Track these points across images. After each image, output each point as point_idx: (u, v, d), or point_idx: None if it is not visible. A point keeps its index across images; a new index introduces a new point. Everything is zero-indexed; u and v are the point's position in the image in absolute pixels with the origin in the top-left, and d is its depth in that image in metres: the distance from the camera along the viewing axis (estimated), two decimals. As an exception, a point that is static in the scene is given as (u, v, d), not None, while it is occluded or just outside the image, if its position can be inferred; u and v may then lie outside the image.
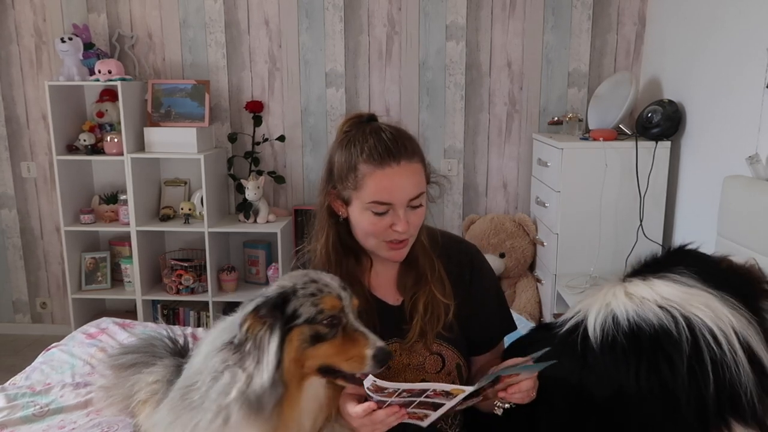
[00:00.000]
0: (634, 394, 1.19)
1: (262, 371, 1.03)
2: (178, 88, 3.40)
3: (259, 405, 1.03)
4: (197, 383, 1.09)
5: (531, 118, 3.46)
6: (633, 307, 1.25)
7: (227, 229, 3.43)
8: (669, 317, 1.20)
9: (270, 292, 1.12)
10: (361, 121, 1.36)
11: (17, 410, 1.82)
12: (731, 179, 2.17)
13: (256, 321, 1.07)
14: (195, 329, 2.49)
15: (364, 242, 1.35)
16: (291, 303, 1.08)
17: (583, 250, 2.91)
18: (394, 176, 1.26)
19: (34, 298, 3.82)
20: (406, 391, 1.05)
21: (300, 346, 1.07)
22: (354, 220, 1.32)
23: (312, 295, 1.09)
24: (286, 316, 1.07)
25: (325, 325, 1.08)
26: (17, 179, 3.67)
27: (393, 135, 1.29)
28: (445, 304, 1.36)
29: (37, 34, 3.50)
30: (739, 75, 2.33)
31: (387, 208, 1.27)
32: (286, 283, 1.13)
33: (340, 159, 1.31)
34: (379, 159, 1.25)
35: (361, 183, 1.27)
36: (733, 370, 1.14)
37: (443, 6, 3.35)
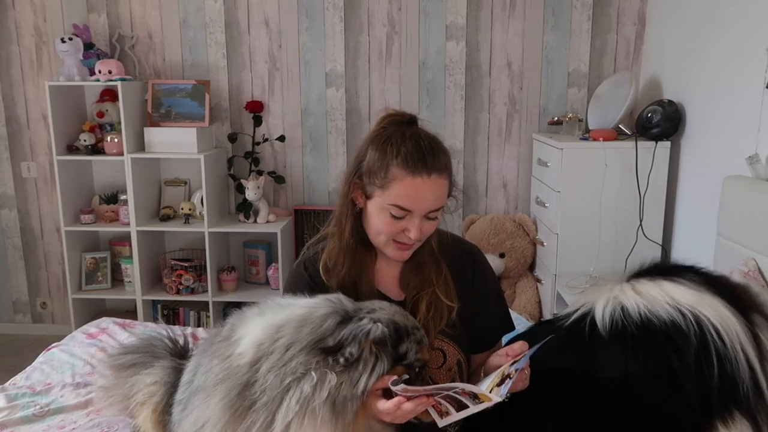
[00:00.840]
0: (641, 377, 1.22)
1: (360, 384, 1.10)
2: (178, 88, 3.40)
3: (344, 410, 1.09)
4: (259, 380, 1.10)
5: (531, 118, 3.46)
6: (643, 302, 1.28)
7: (227, 229, 3.43)
8: (678, 314, 1.24)
9: (385, 321, 1.17)
10: (402, 121, 1.37)
11: (17, 410, 1.82)
12: (731, 179, 2.17)
13: (375, 345, 1.13)
14: (195, 329, 2.49)
15: (373, 237, 1.37)
16: (404, 344, 1.17)
17: (583, 250, 2.91)
18: (422, 187, 1.28)
19: (35, 298, 3.82)
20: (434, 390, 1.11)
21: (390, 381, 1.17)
22: (370, 214, 1.35)
23: (418, 342, 1.19)
24: (397, 355, 1.16)
25: (416, 372, 1.18)
26: (17, 179, 3.67)
27: (431, 145, 1.32)
28: (449, 306, 1.37)
29: (38, 34, 3.50)
30: (739, 75, 2.33)
31: (405, 214, 1.30)
32: (399, 319, 1.20)
33: (373, 154, 1.32)
34: (413, 167, 1.28)
35: (389, 184, 1.29)
36: (734, 364, 1.19)
37: (443, 6, 3.35)
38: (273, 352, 1.12)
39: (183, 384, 1.34)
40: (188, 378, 1.32)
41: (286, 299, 1.26)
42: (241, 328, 1.21)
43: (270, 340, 1.13)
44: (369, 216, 1.35)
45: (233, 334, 1.21)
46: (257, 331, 1.17)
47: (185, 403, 1.27)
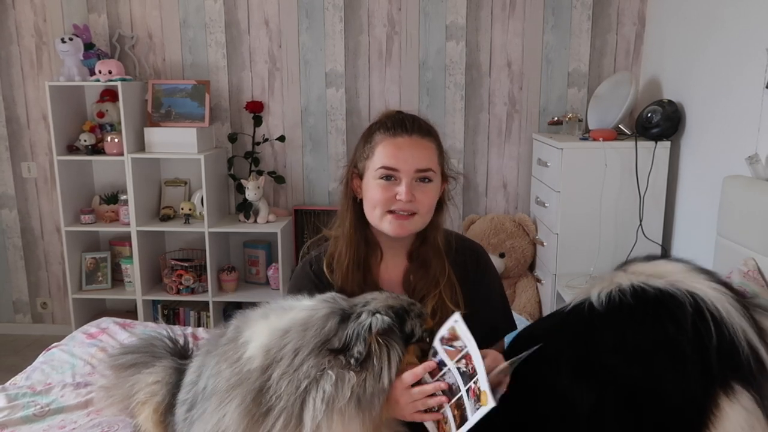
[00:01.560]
0: (640, 346, 1.22)
1: (383, 377, 1.13)
2: (178, 88, 3.40)
3: (371, 405, 1.12)
4: (273, 386, 1.11)
5: (531, 118, 3.46)
6: (638, 279, 1.29)
7: (227, 229, 3.43)
8: (673, 287, 1.25)
9: (382, 309, 1.19)
10: (390, 114, 1.44)
11: (18, 410, 1.82)
12: (731, 179, 2.17)
13: (382, 335, 1.15)
14: (195, 329, 2.49)
15: (370, 215, 1.39)
16: (407, 323, 1.20)
17: (583, 250, 2.91)
18: (403, 145, 1.34)
19: (35, 298, 3.83)
20: (465, 359, 1.14)
21: (412, 360, 1.20)
22: (365, 191, 1.39)
23: (419, 316, 1.23)
24: (405, 335, 1.19)
25: (427, 342, 1.22)
26: (17, 179, 3.67)
27: (412, 116, 1.41)
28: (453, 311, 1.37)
29: (38, 35, 3.50)
30: (739, 75, 2.33)
31: (392, 174, 1.34)
32: (394, 302, 1.22)
33: (361, 141, 1.41)
34: (393, 129, 1.36)
35: (373, 150, 1.36)
36: (731, 330, 1.19)
37: (443, 6, 3.35)
38: (282, 359, 1.13)
39: (186, 384, 1.34)
40: (192, 378, 1.32)
41: (287, 302, 1.27)
42: (246, 331, 1.21)
43: (277, 346, 1.15)
44: (365, 196, 1.39)
45: (239, 336, 1.21)
46: (263, 335, 1.18)
47: (191, 404, 1.27)
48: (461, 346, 1.15)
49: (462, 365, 1.14)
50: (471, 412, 1.11)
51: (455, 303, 1.38)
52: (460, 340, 1.15)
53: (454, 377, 1.15)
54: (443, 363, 1.17)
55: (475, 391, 1.11)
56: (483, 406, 1.09)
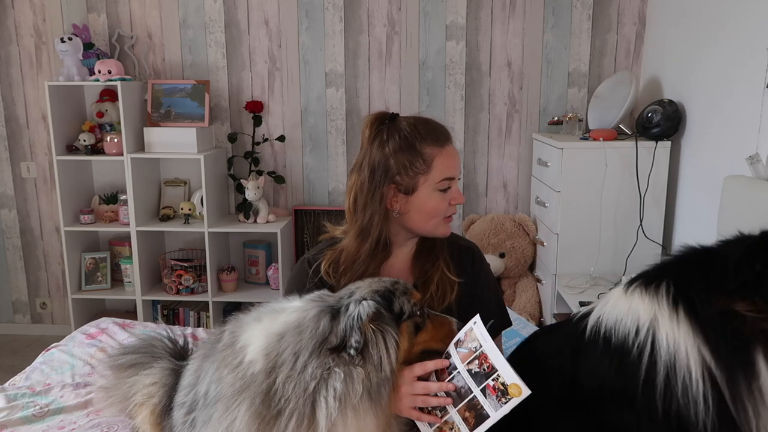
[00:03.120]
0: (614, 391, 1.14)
1: (384, 366, 1.14)
2: (178, 88, 3.40)
3: (379, 395, 1.13)
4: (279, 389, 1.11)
5: (531, 118, 3.46)
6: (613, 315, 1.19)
7: (227, 229, 3.43)
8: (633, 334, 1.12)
9: (368, 295, 1.19)
10: (387, 118, 1.43)
11: (17, 410, 1.82)
12: (731, 179, 2.17)
13: (377, 322, 1.16)
14: (195, 329, 2.49)
15: (423, 225, 1.43)
16: (395, 303, 1.20)
17: (583, 250, 2.91)
18: (452, 152, 1.44)
19: (34, 299, 3.82)
20: (479, 359, 1.14)
21: (409, 338, 1.20)
22: (418, 205, 1.40)
23: (404, 293, 1.23)
24: (395, 315, 1.19)
25: (419, 316, 1.23)
26: (17, 179, 3.67)
27: (434, 121, 1.45)
28: (451, 281, 1.44)
29: (37, 34, 3.50)
30: (739, 75, 2.32)
31: (450, 183, 1.42)
32: (378, 286, 1.23)
33: (395, 152, 1.38)
34: (438, 140, 1.41)
35: (431, 165, 1.39)
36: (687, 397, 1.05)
37: (443, 6, 3.35)
38: (284, 363, 1.13)
39: (184, 387, 1.33)
40: (190, 381, 1.31)
41: (278, 304, 1.27)
42: (242, 336, 1.21)
43: (276, 350, 1.15)
44: (418, 207, 1.40)
45: (236, 341, 1.21)
46: (260, 338, 1.18)
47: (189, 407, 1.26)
48: (475, 348, 1.15)
49: (474, 366, 1.14)
50: (494, 408, 1.11)
51: (452, 275, 1.45)
52: (475, 341, 1.16)
53: (464, 380, 1.15)
54: (453, 367, 1.17)
55: (497, 387, 1.11)
56: (514, 397, 1.09)
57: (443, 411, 1.18)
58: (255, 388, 1.12)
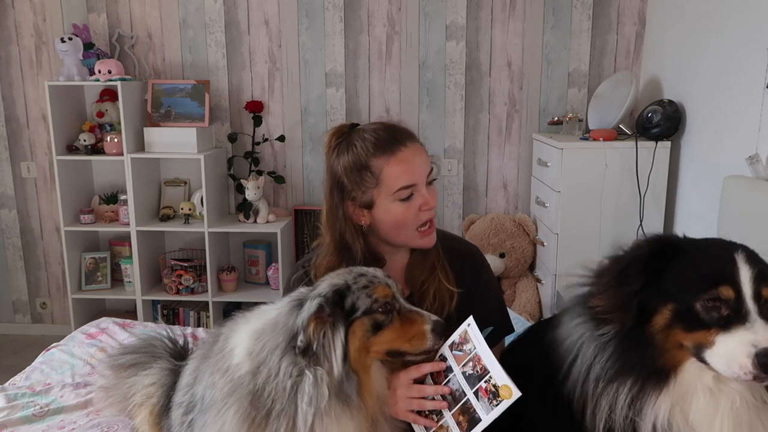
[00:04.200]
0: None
1: (333, 367, 1.09)
2: (178, 88, 3.40)
3: (346, 396, 1.10)
4: (265, 389, 1.10)
5: (531, 118, 3.46)
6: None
7: (227, 229, 3.43)
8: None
9: (324, 291, 1.15)
10: (345, 130, 1.38)
11: (17, 410, 1.82)
12: (731, 179, 2.17)
13: (318, 321, 1.11)
14: (195, 329, 2.49)
15: (395, 237, 1.37)
16: (348, 298, 1.14)
17: (583, 250, 2.91)
18: (408, 156, 1.31)
19: (34, 298, 3.82)
20: (473, 361, 1.13)
21: (363, 336, 1.13)
22: (381, 218, 1.35)
23: (365, 287, 1.15)
24: (345, 311, 1.13)
25: (381, 312, 1.15)
26: (17, 179, 3.67)
27: (385, 126, 1.35)
28: (450, 293, 1.38)
29: (37, 34, 3.50)
30: (739, 75, 2.32)
31: (411, 190, 1.31)
32: (337, 280, 1.18)
33: (345, 169, 1.32)
34: (387, 147, 1.30)
35: (380, 176, 1.30)
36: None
37: (443, 6, 3.35)
38: (265, 360, 1.12)
39: (182, 387, 1.33)
40: (188, 381, 1.31)
41: (269, 304, 1.26)
42: (232, 339, 1.21)
43: (258, 348, 1.14)
44: (381, 221, 1.35)
45: (227, 345, 1.21)
46: (246, 339, 1.17)
47: (187, 407, 1.26)
48: (470, 349, 1.14)
49: (469, 368, 1.14)
50: (485, 411, 1.11)
51: (451, 284, 1.39)
52: (469, 343, 1.15)
53: (459, 383, 1.14)
54: (450, 369, 1.16)
55: (488, 389, 1.11)
56: (505, 399, 1.09)
57: (439, 415, 1.17)
58: (242, 390, 1.11)
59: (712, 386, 1.04)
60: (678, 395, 1.04)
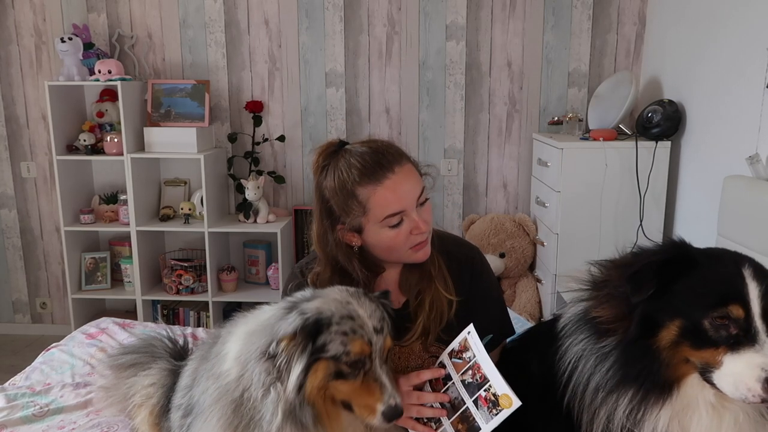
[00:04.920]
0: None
1: (289, 385, 1.06)
2: (178, 88, 3.39)
3: (301, 423, 1.06)
4: (246, 396, 1.08)
5: (531, 118, 3.45)
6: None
7: (227, 229, 3.43)
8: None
9: (309, 313, 1.09)
10: (332, 150, 1.35)
11: (17, 410, 1.82)
12: (731, 179, 2.17)
13: (290, 340, 1.08)
14: (195, 329, 2.49)
15: (387, 258, 1.35)
16: (322, 335, 1.08)
17: (583, 250, 2.91)
18: (395, 184, 1.26)
19: (34, 298, 3.82)
20: (473, 370, 1.12)
21: (324, 378, 1.08)
22: (372, 242, 1.32)
23: (344, 334, 1.08)
24: (315, 347, 1.07)
25: (348, 365, 1.09)
26: (17, 179, 3.67)
27: (372, 149, 1.29)
28: (449, 301, 1.35)
29: (37, 34, 3.50)
30: (739, 75, 2.32)
31: (401, 217, 1.28)
32: (326, 309, 1.11)
33: (332, 194, 1.30)
34: (373, 175, 1.26)
35: (367, 205, 1.27)
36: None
37: (443, 6, 3.35)
38: (248, 365, 1.10)
39: (181, 388, 1.33)
40: (187, 382, 1.31)
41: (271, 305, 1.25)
42: (228, 342, 1.19)
43: (245, 351, 1.12)
44: (373, 244, 1.33)
45: (223, 348, 1.20)
46: (237, 343, 1.16)
47: (186, 409, 1.26)
48: (469, 357, 1.13)
49: (468, 376, 1.13)
50: (485, 420, 1.10)
51: (449, 293, 1.36)
52: (469, 351, 1.14)
53: (458, 391, 1.14)
54: (449, 377, 1.15)
55: (488, 398, 1.10)
56: (505, 409, 1.08)
57: (438, 423, 1.16)
58: (227, 397, 1.10)
59: (715, 402, 1.03)
60: (679, 408, 1.03)
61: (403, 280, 1.41)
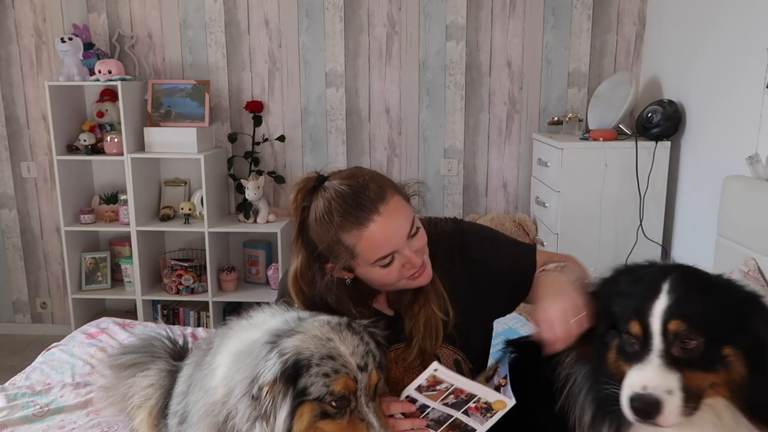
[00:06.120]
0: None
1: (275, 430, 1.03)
2: (178, 88, 3.40)
3: None
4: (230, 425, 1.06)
5: (531, 118, 3.45)
6: None
7: (227, 229, 3.43)
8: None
9: (288, 354, 1.05)
10: (311, 186, 1.24)
11: (17, 410, 1.82)
12: (731, 179, 2.17)
13: (272, 387, 1.05)
14: (195, 329, 2.49)
15: (386, 289, 1.32)
16: (302, 378, 1.04)
17: (583, 251, 2.89)
18: (382, 227, 1.18)
19: (34, 298, 3.82)
20: (454, 394, 1.09)
21: (311, 420, 1.05)
22: (365, 277, 1.27)
23: (326, 375, 1.05)
24: (297, 390, 1.04)
25: (333, 406, 1.06)
26: (17, 179, 3.67)
27: (352, 188, 1.19)
28: (444, 321, 1.31)
29: (37, 34, 3.50)
30: (739, 75, 2.32)
31: (392, 256, 1.21)
32: (305, 349, 1.06)
33: (318, 238, 1.22)
34: (357, 220, 1.17)
35: (355, 250, 1.19)
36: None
37: (443, 6, 3.35)
38: (233, 391, 1.07)
39: (177, 394, 1.32)
40: (182, 389, 1.30)
41: (259, 315, 1.22)
42: (218, 355, 1.17)
43: (231, 374, 1.09)
44: (367, 278, 1.27)
45: (214, 360, 1.18)
46: (227, 360, 1.14)
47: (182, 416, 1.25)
48: (446, 387, 1.10)
49: (451, 399, 1.11)
50: (480, 422, 1.10)
51: (444, 311, 1.31)
52: (443, 383, 1.10)
53: (441, 411, 1.12)
54: (425, 406, 1.12)
55: (479, 407, 1.10)
56: (499, 410, 1.08)
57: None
58: (212, 418, 1.09)
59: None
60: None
61: (392, 298, 1.37)
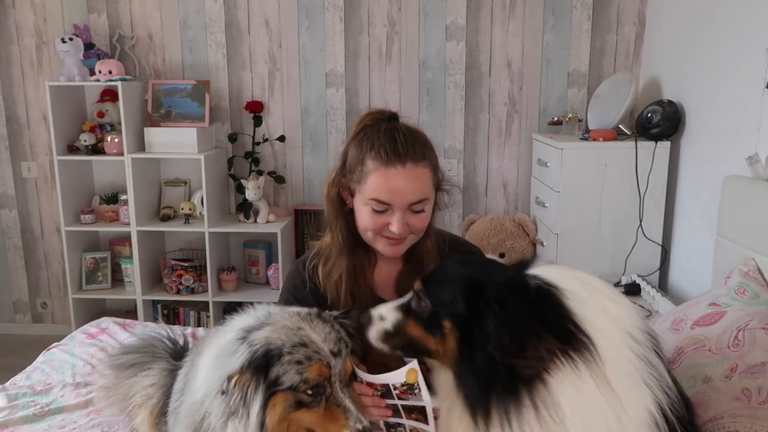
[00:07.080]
0: None
1: (249, 426, 1.01)
2: (178, 88, 3.40)
3: None
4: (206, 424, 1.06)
5: (531, 118, 3.46)
6: None
7: (227, 229, 3.43)
8: None
9: (257, 346, 1.04)
10: (381, 118, 1.36)
11: (18, 410, 1.83)
12: (731, 179, 2.17)
13: (240, 377, 1.03)
14: (195, 329, 2.49)
15: (362, 234, 1.37)
16: (274, 368, 1.02)
17: (583, 250, 2.91)
18: (396, 178, 1.26)
19: (35, 298, 3.83)
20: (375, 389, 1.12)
21: (285, 410, 1.04)
22: (356, 211, 1.35)
23: (298, 363, 1.03)
24: (269, 381, 1.02)
25: (308, 394, 1.04)
26: (18, 179, 3.67)
27: (405, 137, 1.29)
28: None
29: (38, 35, 3.50)
30: (739, 75, 2.33)
31: (386, 207, 1.29)
32: (275, 339, 1.05)
33: (352, 151, 1.33)
34: (386, 158, 1.26)
35: (365, 178, 1.29)
36: None
37: (443, 6, 3.35)
38: (209, 392, 1.06)
39: (175, 392, 1.32)
40: (180, 386, 1.30)
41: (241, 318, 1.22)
42: (202, 358, 1.17)
43: (209, 378, 1.09)
44: (356, 213, 1.36)
45: (199, 362, 1.18)
46: (207, 361, 1.14)
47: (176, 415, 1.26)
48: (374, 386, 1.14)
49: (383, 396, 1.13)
50: (418, 401, 1.10)
51: None
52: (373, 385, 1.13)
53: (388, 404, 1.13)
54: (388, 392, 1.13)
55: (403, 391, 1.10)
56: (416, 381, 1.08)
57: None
58: (191, 417, 1.09)
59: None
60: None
61: (400, 282, 1.41)
